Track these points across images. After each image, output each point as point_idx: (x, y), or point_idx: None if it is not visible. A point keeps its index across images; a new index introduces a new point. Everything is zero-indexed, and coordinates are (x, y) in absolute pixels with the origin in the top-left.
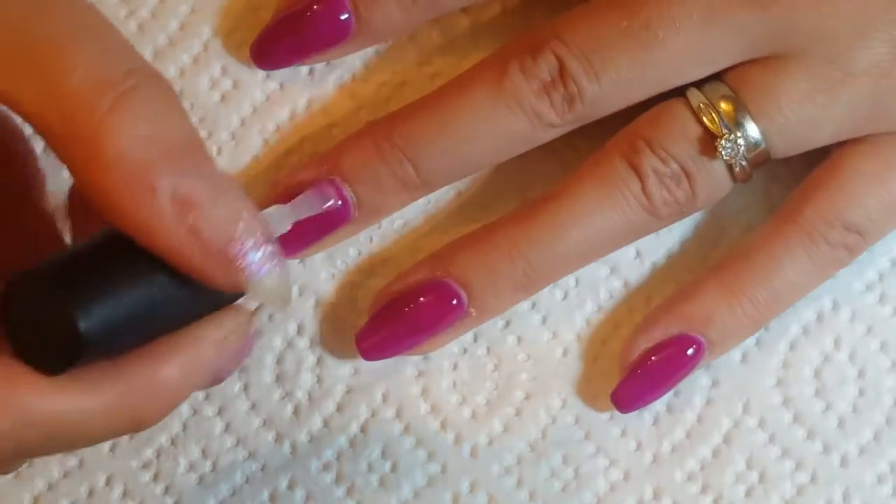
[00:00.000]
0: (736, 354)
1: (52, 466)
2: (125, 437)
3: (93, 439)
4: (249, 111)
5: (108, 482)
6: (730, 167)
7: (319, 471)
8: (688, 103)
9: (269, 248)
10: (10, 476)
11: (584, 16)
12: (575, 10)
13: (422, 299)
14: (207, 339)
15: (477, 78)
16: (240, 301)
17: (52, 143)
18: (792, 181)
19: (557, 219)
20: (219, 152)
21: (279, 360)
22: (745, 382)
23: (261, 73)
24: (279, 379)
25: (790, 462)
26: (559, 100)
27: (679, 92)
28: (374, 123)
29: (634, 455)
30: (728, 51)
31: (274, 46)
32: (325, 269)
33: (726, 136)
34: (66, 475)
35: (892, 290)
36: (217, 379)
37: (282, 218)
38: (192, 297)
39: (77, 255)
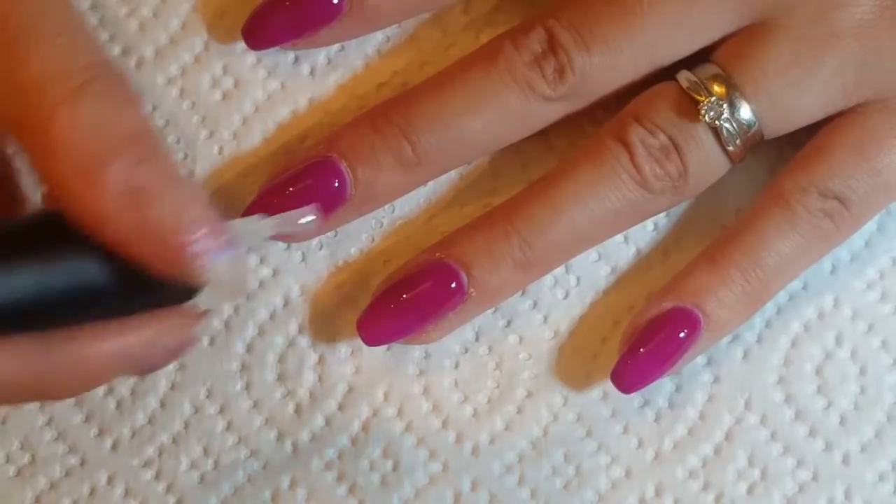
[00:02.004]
0: (737, 351)
1: (54, 465)
2: (126, 435)
3: (8, 401)
4: (251, 110)
5: (110, 481)
6: (717, 135)
7: (321, 470)
8: (677, 84)
9: (220, 239)
10: (12, 474)
11: None
12: None
13: (421, 281)
14: (139, 335)
15: (472, 58)
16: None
17: (11, 133)
18: None
19: (551, 197)
20: (220, 151)
21: (281, 359)
22: (747, 379)
23: (262, 73)
24: (281, 378)
25: (792, 459)
26: (550, 70)
27: (670, 79)
28: (372, 107)
29: (636, 452)
30: (714, 18)
31: (265, 25)
32: (327, 268)
33: (707, 98)
34: (67, 473)
35: (893, 288)
36: (143, 372)
37: (256, 230)
38: (129, 287)
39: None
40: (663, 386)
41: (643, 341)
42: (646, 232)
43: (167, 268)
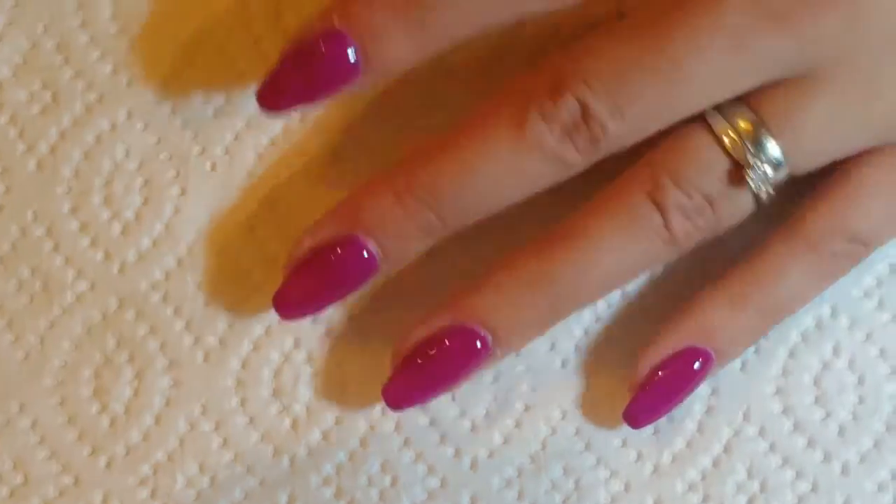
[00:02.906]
0: (735, 362)
1: (48, 485)
2: (120, 453)
3: None
4: (243, 125)
5: (105, 500)
6: (756, 195)
7: (319, 485)
8: (708, 127)
9: None
10: (4, 495)
11: (604, 49)
12: (593, 41)
13: (446, 345)
14: None
15: (495, 123)
16: None
17: None
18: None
19: (578, 257)
20: (213, 168)
21: (276, 374)
22: (745, 391)
23: (253, 87)
24: (276, 393)
25: (791, 471)
26: (583, 142)
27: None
28: (390, 172)
29: (635, 466)
30: (754, 73)
31: (280, 91)
32: None
33: (753, 165)
34: (61, 493)
35: (890, 296)
36: None
37: None
38: None
39: None
40: None
41: (656, 380)
42: None
43: None
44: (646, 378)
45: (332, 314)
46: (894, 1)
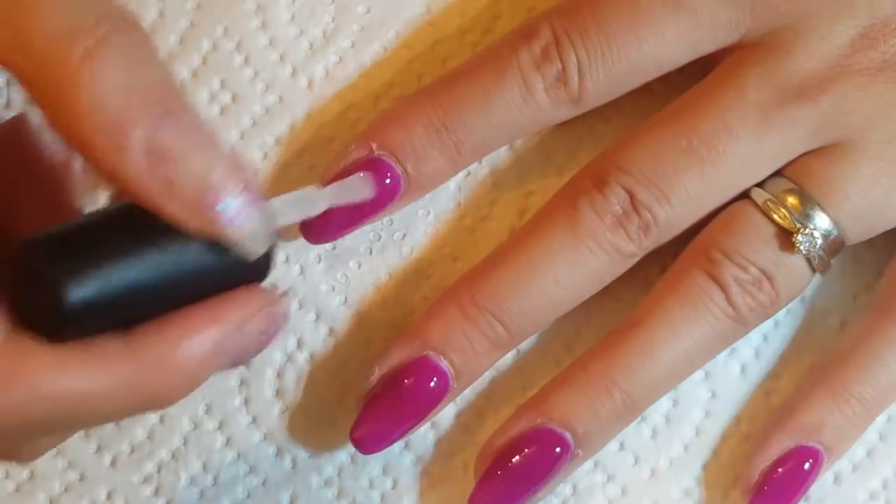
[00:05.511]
0: (735, 366)
1: (54, 480)
2: (125, 451)
3: (107, 416)
4: (249, 124)
5: (109, 496)
6: (808, 260)
7: (321, 486)
8: (754, 204)
9: (245, 195)
10: (11, 490)
11: (640, 141)
12: (630, 136)
13: (527, 450)
14: (229, 320)
15: (549, 223)
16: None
17: (26, 89)
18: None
19: (646, 344)
20: None
21: (279, 375)
22: (743, 395)
23: (260, 86)
24: (279, 393)
25: None
26: (634, 229)
27: (743, 193)
28: (453, 288)
29: (632, 470)
30: (787, 146)
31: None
32: (325, 282)
33: (801, 230)
34: (66, 489)
35: None
36: (238, 361)
37: (316, 200)
38: (207, 267)
39: (81, 224)
40: (660, 402)
41: (770, 483)
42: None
43: (193, 227)
44: (758, 482)
45: (335, 314)
46: None
